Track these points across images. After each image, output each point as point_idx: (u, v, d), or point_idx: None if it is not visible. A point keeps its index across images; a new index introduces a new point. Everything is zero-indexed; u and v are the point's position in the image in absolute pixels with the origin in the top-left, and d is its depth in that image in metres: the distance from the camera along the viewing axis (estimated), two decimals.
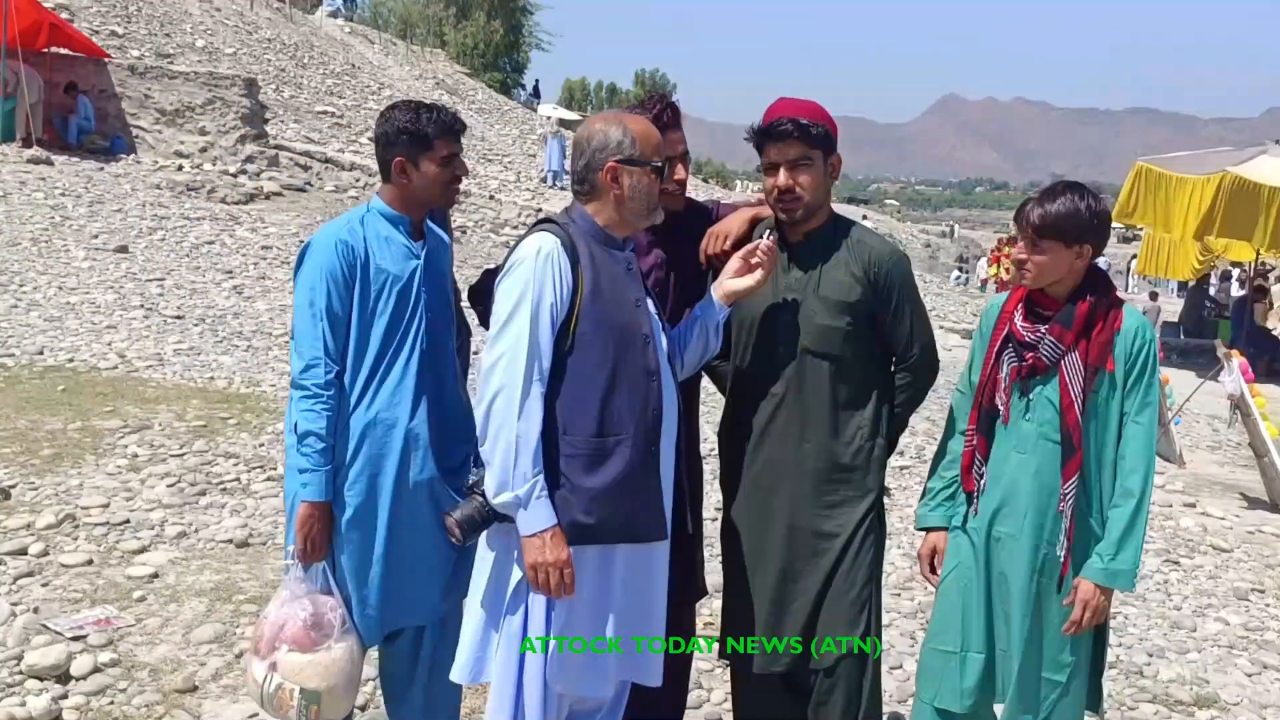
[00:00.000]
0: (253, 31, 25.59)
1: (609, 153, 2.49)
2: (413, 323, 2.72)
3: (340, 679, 2.65)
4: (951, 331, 15.46)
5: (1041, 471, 2.62)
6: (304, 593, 2.67)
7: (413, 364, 2.71)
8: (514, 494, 2.38)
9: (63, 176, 13.74)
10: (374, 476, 2.69)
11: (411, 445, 2.70)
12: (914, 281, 2.85)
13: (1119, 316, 2.62)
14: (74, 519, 4.78)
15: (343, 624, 2.67)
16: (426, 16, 48.87)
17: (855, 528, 2.77)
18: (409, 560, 2.74)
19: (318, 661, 2.61)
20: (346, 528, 2.70)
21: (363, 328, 2.68)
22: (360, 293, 2.67)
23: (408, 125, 2.69)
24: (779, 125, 2.67)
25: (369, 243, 2.70)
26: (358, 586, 2.72)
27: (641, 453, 2.47)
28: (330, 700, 2.65)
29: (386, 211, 2.76)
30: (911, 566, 5.23)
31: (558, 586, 2.39)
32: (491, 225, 17.83)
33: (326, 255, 2.66)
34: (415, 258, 2.75)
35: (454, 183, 2.77)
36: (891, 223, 50.08)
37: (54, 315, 8.52)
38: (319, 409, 2.63)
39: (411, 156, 2.70)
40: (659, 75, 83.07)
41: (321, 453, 2.63)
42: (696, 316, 2.74)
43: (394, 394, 2.69)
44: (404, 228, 2.76)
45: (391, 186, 2.75)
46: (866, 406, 2.79)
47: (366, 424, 2.67)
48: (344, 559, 2.72)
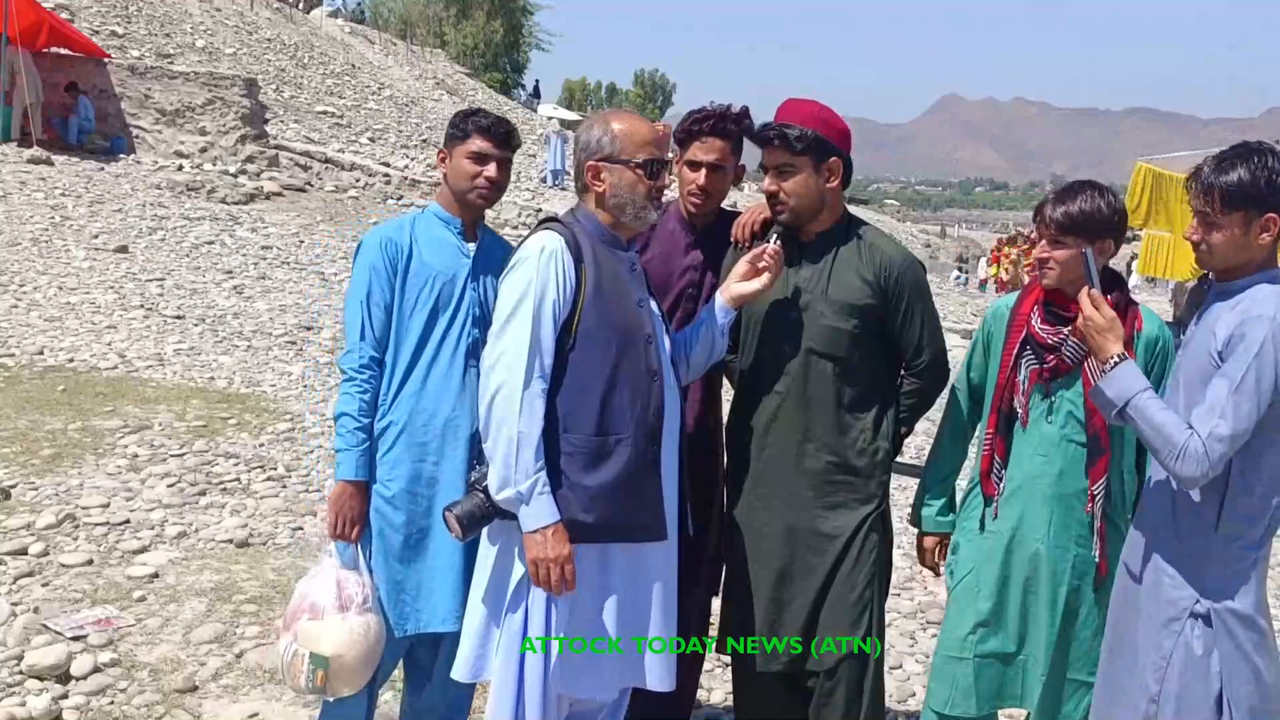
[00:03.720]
0: (253, 31, 25.59)
1: (589, 152, 2.54)
2: (457, 317, 2.80)
3: (352, 650, 2.65)
4: (951, 331, 15.46)
5: (1065, 474, 2.62)
6: (332, 568, 2.73)
7: (458, 358, 2.79)
8: (516, 490, 2.39)
9: (63, 176, 13.75)
10: (412, 464, 2.75)
11: (450, 437, 2.76)
12: (927, 288, 2.84)
13: (1138, 317, 2.64)
14: (74, 519, 4.78)
15: (364, 600, 2.71)
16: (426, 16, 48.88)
17: (856, 529, 2.76)
18: (440, 552, 2.77)
19: (331, 627, 2.65)
20: (381, 513, 2.76)
21: (407, 319, 2.78)
22: (403, 286, 2.78)
23: (457, 120, 2.86)
24: (764, 132, 2.72)
25: (417, 241, 2.83)
26: (387, 574, 2.77)
27: (642, 452, 2.47)
28: (339, 669, 2.65)
29: (439, 213, 2.89)
30: (911, 566, 5.23)
31: (558, 582, 2.40)
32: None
33: (372, 250, 2.80)
34: (465, 257, 2.85)
35: (483, 182, 2.82)
36: (892, 223, 50.07)
37: (54, 315, 8.52)
38: (353, 391, 2.74)
39: (450, 148, 2.84)
40: (659, 75, 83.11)
41: (354, 432, 2.73)
42: (703, 320, 2.76)
43: (437, 384, 2.77)
44: (455, 229, 2.87)
45: (444, 187, 2.89)
46: (871, 410, 2.79)
47: (408, 412, 2.76)
48: (376, 544, 2.77)
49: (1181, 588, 2.30)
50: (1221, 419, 2.16)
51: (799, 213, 2.74)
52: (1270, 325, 2.16)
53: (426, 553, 2.77)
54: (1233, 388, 2.16)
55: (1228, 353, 2.19)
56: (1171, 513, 2.33)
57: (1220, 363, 2.20)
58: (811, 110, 2.73)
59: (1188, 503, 2.30)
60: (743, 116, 2.94)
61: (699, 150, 2.92)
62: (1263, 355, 2.15)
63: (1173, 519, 2.33)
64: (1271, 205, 2.21)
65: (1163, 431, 2.21)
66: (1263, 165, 2.20)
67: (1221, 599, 2.26)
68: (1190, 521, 2.30)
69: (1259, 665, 2.26)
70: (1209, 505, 2.27)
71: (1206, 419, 2.18)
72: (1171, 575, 2.31)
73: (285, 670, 2.72)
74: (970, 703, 2.69)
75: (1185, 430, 2.19)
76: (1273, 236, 2.22)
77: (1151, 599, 2.35)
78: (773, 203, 2.76)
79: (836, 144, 2.73)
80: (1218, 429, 2.16)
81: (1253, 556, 2.27)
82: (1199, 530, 2.28)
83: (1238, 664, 2.26)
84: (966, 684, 2.69)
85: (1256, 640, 2.27)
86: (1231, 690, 2.26)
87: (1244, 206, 2.21)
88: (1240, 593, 2.26)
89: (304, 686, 2.68)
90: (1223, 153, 2.27)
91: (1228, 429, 2.16)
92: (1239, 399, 2.15)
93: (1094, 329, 2.37)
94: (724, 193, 3.02)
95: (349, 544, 2.75)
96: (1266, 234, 2.22)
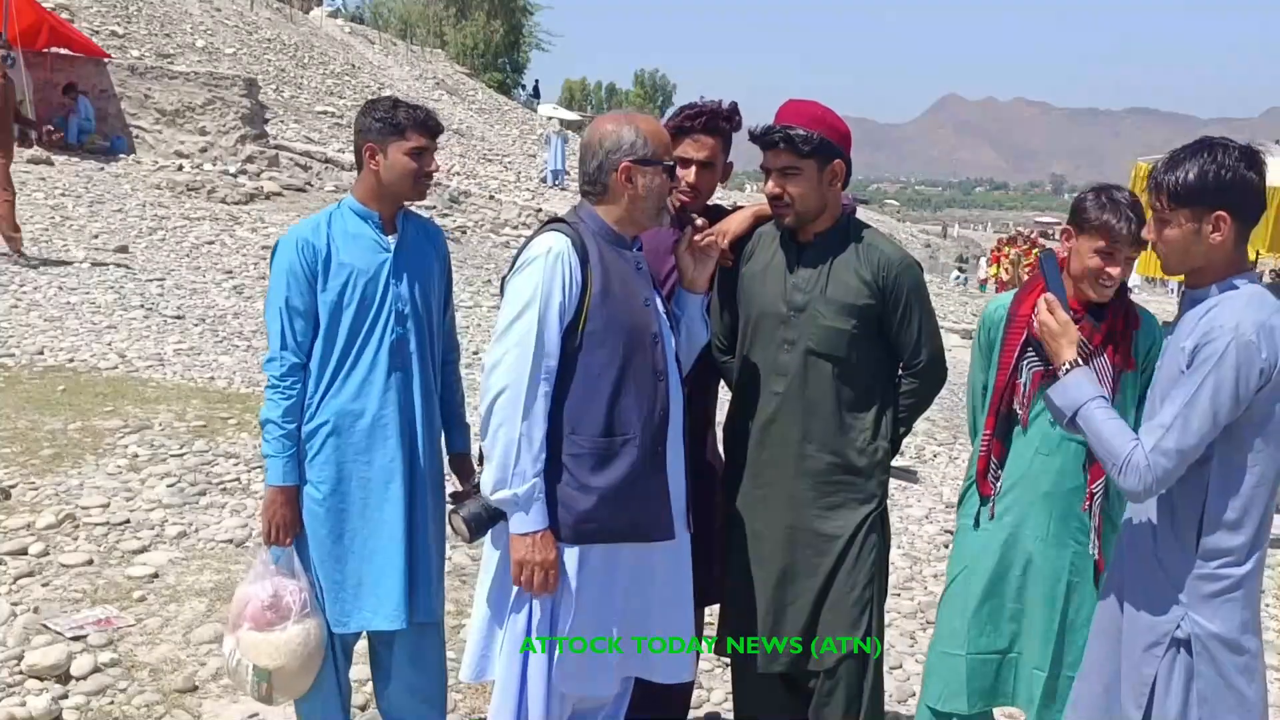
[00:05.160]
0: (253, 31, 25.59)
1: (623, 153, 2.51)
2: (380, 314, 2.76)
3: (292, 660, 2.72)
4: (951, 331, 15.46)
5: (1064, 472, 2.62)
6: (268, 574, 2.75)
7: (382, 355, 2.76)
8: (512, 492, 2.39)
9: (63, 176, 13.75)
10: (340, 465, 2.75)
11: (379, 435, 2.75)
12: (925, 289, 2.85)
13: (1135, 315, 2.64)
14: (74, 519, 4.78)
15: (302, 607, 2.73)
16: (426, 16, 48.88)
17: (856, 529, 2.77)
18: (377, 550, 2.76)
19: (270, 641, 2.70)
20: (313, 515, 2.76)
21: (330, 321, 2.75)
22: (324, 287, 2.74)
23: (383, 115, 2.76)
24: (769, 134, 2.71)
25: (334, 239, 2.76)
26: (324, 573, 2.78)
27: (648, 453, 2.48)
28: (281, 679, 2.74)
29: (356, 207, 2.82)
30: (911, 566, 5.24)
31: (541, 585, 2.42)
32: (491, 225, 17.83)
33: (288, 253, 2.74)
34: (385, 251, 2.79)
35: (423, 176, 2.81)
36: (891, 223, 50.08)
37: (54, 315, 8.52)
38: (276, 398, 2.74)
39: (382, 144, 2.76)
40: (659, 75, 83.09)
41: (280, 439, 2.74)
42: (677, 315, 2.75)
43: (362, 384, 2.75)
44: (373, 222, 2.81)
45: (362, 181, 2.81)
46: (870, 410, 2.79)
47: (335, 413, 2.75)
48: (311, 545, 2.78)
49: (1162, 612, 2.21)
50: (1168, 433, 2.08)
51: (803, 215, 2.74)
52: (1232, 335, 2.05)
53: (363, 551, 2.77)
54: (1185, 401, 2.08)
55: (1192, 363, 2.10)
56: (1152, 534, 2.24)
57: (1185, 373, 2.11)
58: (815, 113, 2.73)
59: (1167, 523, 2.21)
60: (733, 113, 2.94)
61: (690, 147, 2.91)
62: (1221, 368, 2.05)
63: (1153, 540, 2.24)
64: (1221, 202, 2.09)
65: (1108, 443, 2.15)
66: (1212, 161, 2.10)
67: (1203, 623, 2.16)
68: (1170, 543, 2.21)
69: (1243, 691, 2.17)
70: (1188, 525, 2.18)
71: (1154, 432, 2.11)
72: (1152, 599, 2.23)
73: (231, 674, 2.81)
74: (961, 700, 2.69)
75: (1131, 442, 2.12)
76: (1224, 236, 2.10)
77: (1132, 624, 2.27)
78: (777, 205, 2.76)
79: (839, 146, 2.73)
80: (1163, 442, 2.09)
81: (1237, 575, 2.15)
82: (1179, 551, 2.19)
83: (1220, 691, 2.17)
84: (959, 680, 2.69)
85: (1241, 663, 2.17)
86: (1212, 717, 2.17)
87: (1192, 204, 2.11)
88: (1224, 615, 2.16)
89: (250, 694, 2.79)
90: (1176, 150, 2.18)
91: (1173, 443, 2.08)
92: (1189, 413, 2.07)
93: (1048, 334, 2.33)
94: (713, 189, 3.02)
95: (284, 549, 2.76)
96: (1217, 233, 2.10)
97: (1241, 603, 2.17)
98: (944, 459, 7.56)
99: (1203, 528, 2.16)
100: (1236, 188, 2.09)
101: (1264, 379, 2.06)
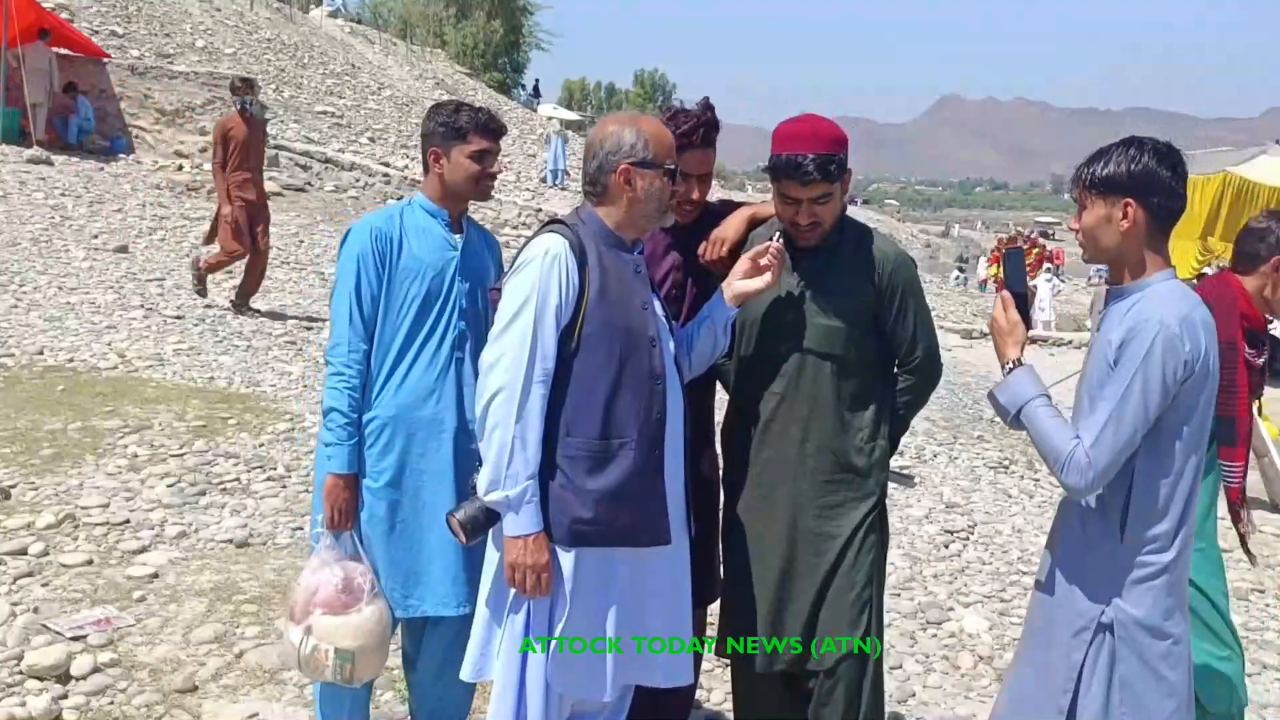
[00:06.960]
0: (253, 31, 25.57)
1: (622, 155, 2.50)
2: (445, 309, 2.83)
3: (372, 639, 2.76)
4: (951, 331, 15.47)
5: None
6: (334, 559, 2.79)
7: (444, 350, 2.82)
8: (504, 494, 2.40)
9: (63, 176, 13.75)
10: (401, 454, 2.80)
11: (435, 429, 2.80)
12: (919, 285, 2.86)
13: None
14: (74, 519, 4.78)
15: (372, 588, 2.79)
16: (426, 16, 48.84)
17: (856, 528, 2.77)
18: (428, 539, 2.81)
19: (350, 623, 2.74)
20: (372, 504, 2.81)
21: (395, 312, 2.80)
22: (392, 278, 2.80)
23: (446, 119, 2.84)
24: (802, 167, 2.60)
25: (405, 232, 2.83)
26: (382, 561, 2.82)
27: (645, 456, 2.47)
28: (363, 659, 2.77)
29: (427, 205, 2.90)
30: (911, 566, 5.23)
31: (533, 588, 2.42)
32: (491, 225, 17.80)
33: (361, 239, 2.80)
34: (453, 249, 2.87)
35: (486, 178, 2.89)
36: (891, 223, 50.06)
37: (54, 315, 8.52)
38: (340, 386, 2.77)
39: (445, 148, 2.84)
40: (659, 75, 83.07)
41: (344, 427, 2.77)
42: (705, 316, 2.76)
43: (423, 377, 2.80)
44: (442, 220, 2.89)
45: (428, 183, 2.90)
46: (868, 408, 2.79)
47: (396, 404, 2.79)
48: (370, 533, 2.82)
49: (1089, 598, 2.26)
50: (1105, 429, 2.14)
51: (828, 233, 2.74)
52: (1157, 329, 2.12)
53: (415, 540, 2.82)
54: (1119, 397, 2.13)
55: (1119, 358, 2.15)
56: (1080, 522, 2.29)
57: (1114, 369, 2.17)
58: (828, 132, 2.66)
59: (1093, 511, 2.26)
60: (712, 113, 2.94)
61: (692, 162, 2.87)
62: (1149, 361, 2.11)
63: (1080, 528, 2.29)
64: (1131, 191, 2.21)
65: (1050, 441, 2.20)
66: (1126, 155, 2.22)
67: (1127, 609, 2.22)
68: (1096, 530, 2.26)
69: (1166, 675, 2.23)
70: (1114, 513, 2.23)
71: (1091, 428, 2.16)
72: (1080, 585, 2.28)
73: (305, 663, 2.80)
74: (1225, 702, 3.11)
75: (1071, 440, 2.17)
76: (1131, 223, 2.21)
77: (1061, 610, 2.31)
78: (805, 231, 2.71)
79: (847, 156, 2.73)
80: (1101, 438, 2.14)
81: (1162, 562, 2.21)
82: (1105, 539, 2.24)
83: (1143, 677, 2.22)
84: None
85: (1164, 649, 2.22)
86: (1136, 702, 2.22)
87: (1105, 192, 2.23)
88: (1148, 601, 2.21)
89: (331, 679, 2.78)
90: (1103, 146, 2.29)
91: (1110, 438, 2.13)
92: (1122, 408, 2.13)
93: (996, 331, 2.37)
94: (708, 194, 3.02)
95: (346, 533, 2.80)
96: (1125, 220, 2.21)
97: (1165, 589, 2.23)
98: (944, 459, 7.56)
99: (1128, 516, 2.22)
100: (1144, 178, 2.20)
101: (1188, 370, 2.13)
